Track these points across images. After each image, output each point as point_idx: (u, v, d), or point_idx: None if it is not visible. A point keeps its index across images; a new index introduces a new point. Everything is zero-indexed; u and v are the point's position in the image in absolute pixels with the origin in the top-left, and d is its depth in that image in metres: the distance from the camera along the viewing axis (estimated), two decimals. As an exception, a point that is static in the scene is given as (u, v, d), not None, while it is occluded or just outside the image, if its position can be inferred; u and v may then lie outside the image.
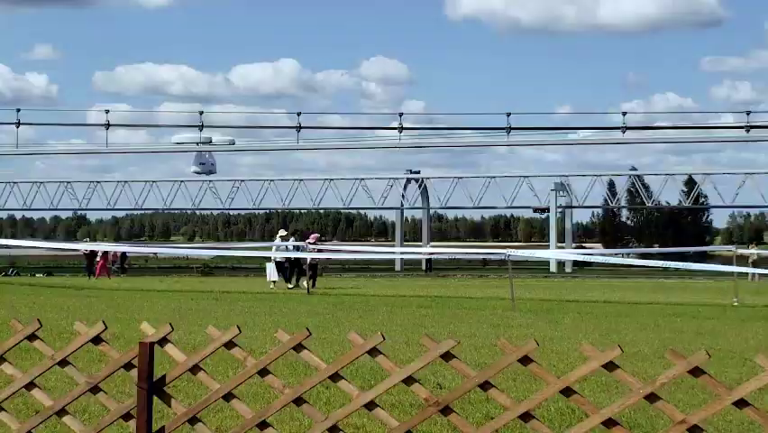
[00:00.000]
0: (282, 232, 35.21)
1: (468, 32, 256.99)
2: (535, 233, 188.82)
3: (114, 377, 5.26)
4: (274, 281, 32.21)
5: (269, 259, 33.81)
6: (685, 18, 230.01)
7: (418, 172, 79.15)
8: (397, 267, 70.96)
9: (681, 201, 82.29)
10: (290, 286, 31.96)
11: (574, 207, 79.51)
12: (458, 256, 68.70)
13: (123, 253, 59.11)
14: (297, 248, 33.06)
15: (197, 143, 51.87)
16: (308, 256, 31.69)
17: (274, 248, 33.17)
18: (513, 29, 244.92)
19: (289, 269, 32.80)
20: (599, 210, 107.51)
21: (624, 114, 50.84)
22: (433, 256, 61.60)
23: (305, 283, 31.25)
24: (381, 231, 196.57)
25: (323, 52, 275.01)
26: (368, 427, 7.61)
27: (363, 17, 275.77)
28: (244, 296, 27.31)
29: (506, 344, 4.65)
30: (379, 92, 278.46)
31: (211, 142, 52.04)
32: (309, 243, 33.27)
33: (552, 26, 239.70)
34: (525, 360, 4.60)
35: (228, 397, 4.97)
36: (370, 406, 4.79)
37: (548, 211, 77.86)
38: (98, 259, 51.14)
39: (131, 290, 30.91)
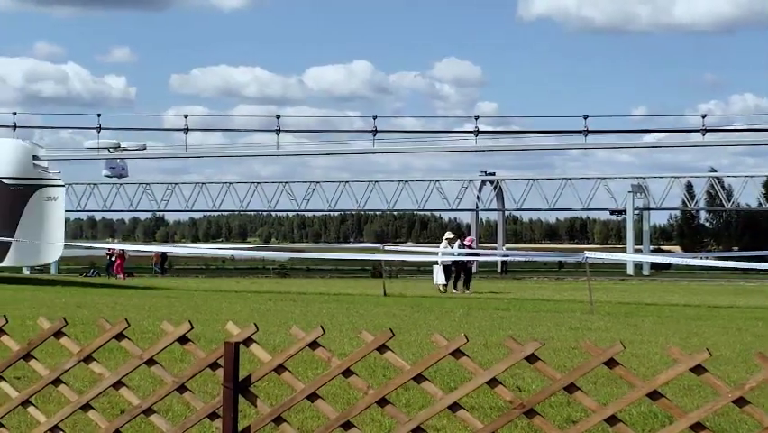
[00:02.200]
0: (449, 234, 34.28)
1: (541, 33, 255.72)
2: (612, 235, 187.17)
3: (195, 377, 5.32)
4: (444, 285, 31.85)
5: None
6: (762, 17, 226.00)
7: (493, 174, 78.80)
8: (473, 269, 70.73)
9: (760, 203, 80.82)
10: (455, 291, 31.61)
11: (651, 210, 78.50)
12: (534, 258, 68.24)
13: (164, 254, 60.03)
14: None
15: (109, 149, 53.27)
16: (461, 259, 31.69)
17: (440, 252, 32.64)
18: (586, 29, 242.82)
19: (456, 273, 32.36)
20: (677, 212, 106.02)
21: (704, 116, 50.10)
22: (508, 258, 61.36)
23: (459, 288, 31.38)
24: (456, 233, 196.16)
25: (396, 54, 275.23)
26: (449, 429, 7.61)
27: (436, 18, 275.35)
28: (321, 297, 27.45)
29: (591, 346, 4.62)
30: (452, 93, 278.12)
31: (119, 147, 53.43)
32: (466, 245, 33.22)
33: (626, 26, 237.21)
34: (611, 363, 4.56)
35: (312, 397, 5.00)
36: (454, 408, 4.78)
37: (625, 213, 77.01)
38: (115, 258, 52.57)
39: (209, 290, 31.25)
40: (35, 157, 32.99)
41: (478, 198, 77.63)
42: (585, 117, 49.98)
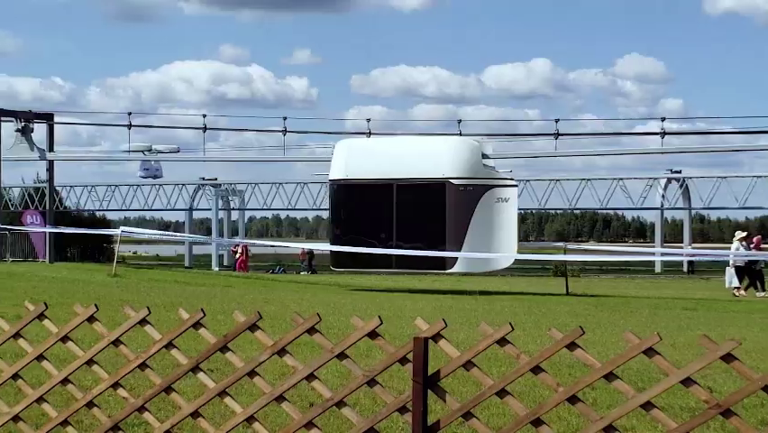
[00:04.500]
0: (740, 234, 32.27)
1: (728, 28, 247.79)
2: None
3: (380, 372, 5.39)
4: (737, 288, 30.60)
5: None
6: None
7: (679, 172, 76.91)
8: (657, 268, 69.30)
9: None
10: (763, 293, 29.82)
11: None
12: (724, 258, 66.27)
13: (311, 252, 60.95)
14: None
15: (143, 152, 54.86)
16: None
17: (732, 253, 31.23)
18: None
19: (756, 275, 30.70)
20: None
21: None
22: (695, 258, 59.91)
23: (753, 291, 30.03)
24: (639, 232, 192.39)
25: (576, 51, 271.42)
26: (638, 428, 7.49)
27: (617, 14, 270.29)
28: (503, 296, 27.37)
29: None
30: (634, 90, 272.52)
31: (151, 150, 54.92)
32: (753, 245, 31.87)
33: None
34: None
35: (502, 393, 5.00)
36: (647, 407, 4.70)
37: (819, 211, 74.02)
38: (239, 255, 54.39)
39: (391, 288, 31.58)
40: (484, 155, 30.77)
41: (663, 196, 75.91)
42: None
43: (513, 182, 31.03)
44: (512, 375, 4.99)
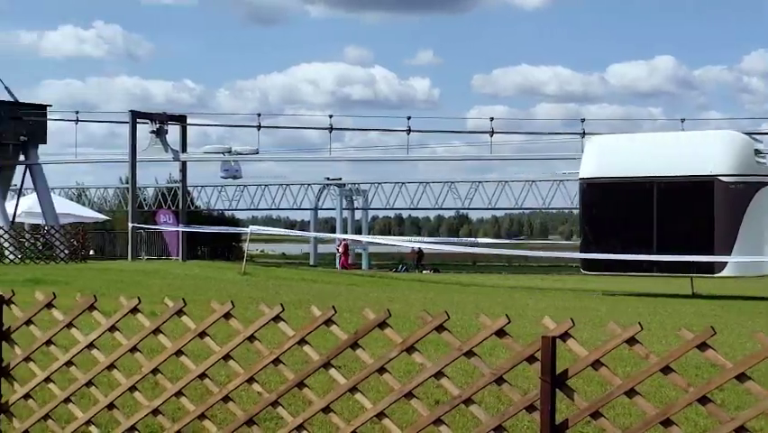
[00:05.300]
0: None
1: None
2: None
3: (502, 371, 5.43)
4: None
5: None
6: None
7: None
8: None
9: None
10: None
11: None
12: None
13: (420, 251, 60.96)
14: None
15: (223, 153, 55.73)
16: None
17: None
18: None
19: None
20: None
21: None
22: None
23: None
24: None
25: (701, 48, 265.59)
26: (766, 430, 7.38)
27: (744, 9, 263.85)
28: (627, 297, 27.06)
29: None
30: (761, 87, 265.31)
31: (231, 151, 55.79)
32: None
33: None
34: None
35: (631, 393, 5.01)
36: (782, 408, 4.66)
37: None
38: (341, 253, 55.17)
39: (514, 287, 31.51)
40: (757, 151, 28.52)
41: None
42: None
43: None
44: (641, 375, 4.99)
